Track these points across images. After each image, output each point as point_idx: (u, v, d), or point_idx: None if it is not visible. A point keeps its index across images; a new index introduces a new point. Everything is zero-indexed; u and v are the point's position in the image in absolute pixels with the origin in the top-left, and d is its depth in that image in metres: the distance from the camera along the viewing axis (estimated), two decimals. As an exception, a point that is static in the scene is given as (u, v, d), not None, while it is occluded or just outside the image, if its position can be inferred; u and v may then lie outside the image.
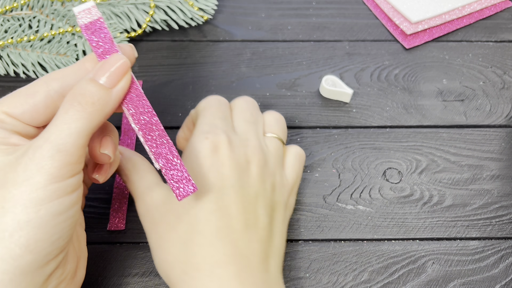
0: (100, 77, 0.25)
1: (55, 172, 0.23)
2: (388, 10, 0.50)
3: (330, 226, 0.36)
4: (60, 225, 0.23)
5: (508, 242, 0.35)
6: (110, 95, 0.25)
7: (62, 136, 0.23)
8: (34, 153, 0.23)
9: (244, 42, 0.48)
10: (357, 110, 0.43)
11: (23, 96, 0.25)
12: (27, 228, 0.22)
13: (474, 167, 0.39)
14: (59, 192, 0.23)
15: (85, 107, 0.24)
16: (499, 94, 0.44)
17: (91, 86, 0.24)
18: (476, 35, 0.49)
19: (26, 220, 0.22)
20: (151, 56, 0.46)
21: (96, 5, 0.44)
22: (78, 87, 0.24)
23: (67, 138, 0.23)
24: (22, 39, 0.42)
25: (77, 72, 0.26)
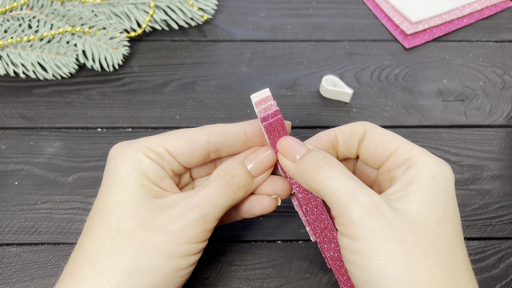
0: (248, 163, 0.28)
1: (194, 234, 0.25)
2: (388, 10, 0.50)
3: (330, 226, 0.36)
4: (178, 278, 0.26)
5: (508, 242, 0.35)
6: (253, 184, 0.28)
7: (210, 206, 0.26)
8: (183, 211, 0.25)
9: (244, 42, 0.47)
10: (357, 110, 0.43)
11: (187, 140, 0.28)
12: (156, 274, 0.24)
13: (474, 167, 0.39)
14: (190, 251, 0.25)
15: (233, 188, 0.27)
16: (499, 94, 0.44)
17: (242, 171, 0.28)
18: (476, 35, 0.49)
19: (157, 267, 0.24)
20: (151, 56, 0.46)
21: (97, 5, 0.44)
22: (229, 167, 0.28)
23: (213, 209, 0.26)
24: (22, 39, 0.42)
25: (238, 136, 0.28)
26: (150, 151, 0.27)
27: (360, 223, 0.22)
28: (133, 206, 0.25)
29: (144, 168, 0.26)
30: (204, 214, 0.25)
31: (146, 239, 0.24)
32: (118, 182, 0.26)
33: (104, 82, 0.44)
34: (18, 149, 0.39)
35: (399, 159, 0.26)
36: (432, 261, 0.22)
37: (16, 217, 0.36)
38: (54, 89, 0.43)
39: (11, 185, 0.37)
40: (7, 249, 0.34)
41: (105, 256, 0.24)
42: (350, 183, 0.23)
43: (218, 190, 0.26)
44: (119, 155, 0.27)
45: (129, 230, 0.24)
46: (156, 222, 0.25)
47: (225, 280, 0.33)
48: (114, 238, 0.24)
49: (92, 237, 0.25)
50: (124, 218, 0.25)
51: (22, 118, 0.41)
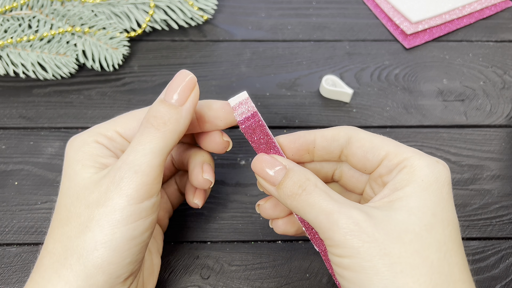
0: (170, 97, 0.26)
1: (132, 193, 0.23)
2: (388, 10, 0.50)
3: (330, 226, 0.36)
4: (132, 249, 0.24)
5: (508, 242, 0.35)
6: (181, 113, 0.25)
7: (138, 157, 0.24)
8: (114, 175, 0.24)
9: (244, 42, 0.47)
10: (357, 110, 0.43)
11: (135, 120, 0.27)
12: (102, 249, 0.23)
13: (475, 167, 0.39)
14: (135, 215, 0.24)
15: (158, 128, 0.25)
16: (500, 94, 0.44)
17: (162, 107, 0.25)
18: (477, 35, 0.49)
19: (103, 241, 0.23)
20: (151, 56, 0.46)
21: (97, 5, 0.44)
22: (150, 109, 0.26)
23: (142, 158, 0.24)
24: (21, 39, 0.42)
25: None
26: (101, 137, 0.27)
27: (343, 244, 0.22)
28: (75, 190, 0.25)
29: (88, 150, 0.26)
30: (135, 169, 0.24)
31: (88, 217, 0.23)
32: (65, 172, 0.26)
33: (104, 82, 0.44)
34: (18, 149, 0.39)
35: (390, 164, 0.25)
36: (419, 270, 0.21)
37: (16, 217, 0.36)
38: (54, 89, 0.43)
39: (11, 185, 0.37)
40: (7, 249, 0.34)
41: (59, 244, 0.24)
42: (329, 205, 0.23)
43: (142, 136, 0.24)
44: (70, 145, 0.27)
45: (74, 213, 0.24)
46: (95, 197, 0.24)
47: (225, 280, 0.33)
48: (64, 225, 0.24)
49: (49, 231, 0.25)
50: (69, 205, 0.24)
51: (22, 118, 0.41)
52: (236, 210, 0.36)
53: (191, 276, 0.33)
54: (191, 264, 0.34)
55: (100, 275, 0.23)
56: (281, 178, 0.25)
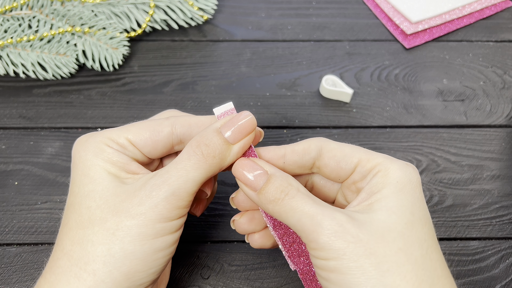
0: (226, 130, 0.26)
1: (166, 213, 0.24)
2: (388, 10, 0.50)
3: (330, 226, 0.36)
4: (158, 260, 0.25)
5: (508, 242, 0.35)
6: (229, 151, 0.26)
7: (180, 181, 0.24)
8: (151, 191, 0.24)
9: (244, 42, 0.47)
10: (357, 110, 0.43)
11: (149, 131, 0.27)
12: (131, 258, 0.24)
13: (475, 167, 0.39)
14: (165, 231, 0.24)
15: (207, 158, 0.25)
16: (500, 94, 0.44)
17: (216, 139, 0.25)
18: (477, 35, 0.49)
19: (132, 251, 0.24)
20: (151, 56, 0.46)
21: (97, 5, 0.44)
22: (204, 136, 0.25)
23: (184, 184, 0.24)
24: (21, 39, 0.42)
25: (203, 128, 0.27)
26: (112, 142, 0.27)
27: (328, 246, 0.22)
28: (102, 194, 0.25)
29: (108, 157, 0.26)
30: (173, 191, 0.24)
31: (116, 225, 0.24)
32: (86, 174, 0.26)
33: (104, 82, 0.44)
34: (18, 149, 0.39)
35: (364, 170, 0.26)
36: (405, 267, 0.22)
37: (16, 217, 0.36)
38: (54, 89, 0.43)
39: (11, 185, 0.37)
40: (7, 249, 0.34)
41: (79, 247, 0.24)
42: (311, 208, 0.23)
43: (189, 162, 0.25)
44: (83, 147, 0.26)
45: (99, 218, 0.24)
46: (125, 206, 0.24)
47: (225, 280, 0.33)
48: (85, 227, 0.24)
49: (66, 230, 0.25)
50: (94, 207, 0.24)
51: (22, 118, 0.41)
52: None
53: (191, 276, 0.33)
54: (191, 264, 0.34)
55: (125, 282, 0.24)
56: (262, 183, 0.25)
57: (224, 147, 0.25)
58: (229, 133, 0.26)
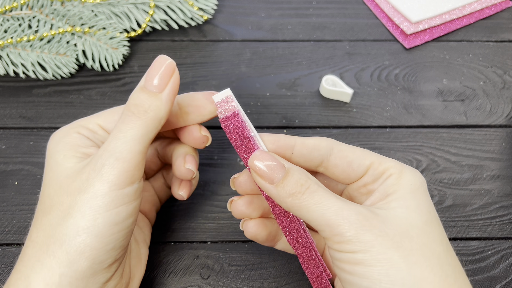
0: (149, 83, 0.26)
1: (113, 179, 0.24)
2: (388, 10, 0.50)
3: (330, 226, 0.36)
4: (115, 235, 0.24)
5: (508, 242, 0.35)
6: (161, 100, 0.26)
7: (119, 144, 0.24)
8: (95, 162, 0.24)
9: (244, 42, 0.47)
10: (357, 110, 0.43)
11: (118, 114, 0.28)
12: (84, 234, 0.23)
13: (475, 167, 0.39)
14: (117, 201, 0.24)
15: (139, 115, 0.25)
16: (500, 94, 0.44)
17: (142, 94, 0.25)
18: (477, 35, 0.49)
19: (84, 227, 0.23)
20: (151, 56, 0.46)
21: (97, 5, 0.44)
22: (131, 97, 0.26)
23: (123, 145, 0.24)
24: (21, 39, 0.42)
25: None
26: (82, 128, 0.27)
27: (356, 238, 0.22)
28: (58, 179, 0.25)
29: (70, 141, 0.26)
30: (115, 156, 0.24)
31: (70, 204, 0.24)
32: (47, 163, 0.26)
33: (104, 82, 0.44)
34: (18, 149, 0.39)
35: (376, 173, 0.26)
36: (431, 261, 0.22)
37: (16, 217, 0.36)
38: (54, 89, 0.43)
39: (11, 185, 0.37)
40: (7, 249, 0.34)
41: (42, 233, 0.24)
42: (335, 203, 0.23)
43: (123, 124, 0.25)
44: (52, 138, 0.27)
45: (57, 202, 0.24)
46: (76, 184, 0.24)
47: (225, 280, 0.33)
48: (47, 214, 0.24)
49: (33, 222, 0.25)
50: (53, 194, 0.25)
51: (22, 118, 0.41)
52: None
53: (191, 276, 0.33)
54: (191, 264, 0.34)
55: (83, 260, 0.23)
56: (280, 177, 0.24)
57: (152, 99, 0.25)
58: (155, 82, 0.25)
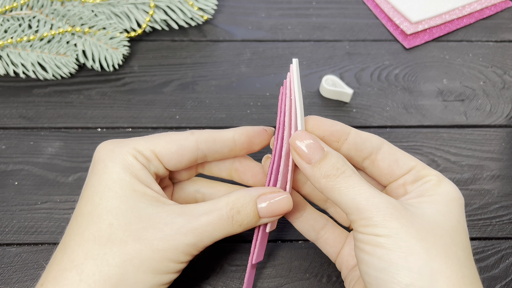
0: (261, 201, 0.27)
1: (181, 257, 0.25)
2: (388, 10, 0.50)
3: (330, 226, 0.36)
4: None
5: (508, 242, 0.35)
6: (256, 223, 0.27)
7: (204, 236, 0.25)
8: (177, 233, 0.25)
9: (244, 42, 0.47)
10: (357, 110, 0.43)
11: (176, 146, 0.28)
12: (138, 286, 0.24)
13: (474, 167, 0.39)
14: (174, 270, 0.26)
15: (234, 224, 0.26)
16: (500, 94, 0.44)
17: (250, 209, 0.26)
18: (476, 35, 0.49)
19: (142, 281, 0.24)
20: (151, 56, 0.46)
21: (97, 5, 0.44)
22: (240, 202, 0.26)
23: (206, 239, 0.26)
24: (22, 39, 0.42)
25: (225, 143, 0.29)
26: (139, 155, 0.27)
27: (382, 224, 0.23)
28: (126, 214, 0.25)
29: (136, 173, 0.26)
30: (196, 242, 0.25)
31: (135, 252, 0.24)
32: (111, 187, 0.25)
33: (104, 82, 0.44)
34: (18, 149, 0.39)
35: (418, 175, 0.26)
36: (451, 259, 0.22)
37: (16, 217, 0.36)
38: (54, 89, 0.43)
39: (11, 185, 0.37)
40: (7, 249, 0.34)
41: (92, 263, 0.24)
42: (368, 190, 0.24)
43: (219, 222, 0.26)
44: (109, 156, 0.26)
45: (120, 239, 0.24)
46: (148, 237, 0.24)
47: (225, 280, 0.33)
48: (103, 245, 0.24)
49: (80, 241, 0.24)
50: (116, 226, 0.24)
51: (22, 118, 0.41)
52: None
53: (191, 276, 0.33)
54: (191, 264, 0.34)
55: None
56: (318, 158, 0.25)
57: (253, 220, 0.26)
58: (264, 205, 0.27)
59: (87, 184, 0.26)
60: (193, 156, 0.28)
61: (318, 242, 0.31)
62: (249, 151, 0.30)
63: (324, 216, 0.31)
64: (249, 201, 0.26)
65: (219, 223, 0.26)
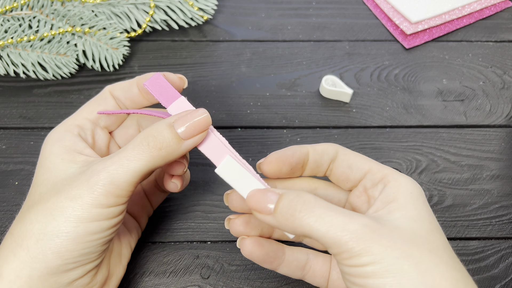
0: (179, 126, 0.26)
1: (102, 199, 0.25)
2: (388, 10, 0.50)
3: (330, 226, 0.36)
4: (93, 241, 0.25)
5: (508, 242, 0.35)
6: (180, 146, 0.26)
7: (119, 170, 0.25)
8: (91, 176, 0.25)
9: (244, 42, 0.47)
10: (357, 110, 0.43)
11: (96, 103, 0.30)
12: (63, 238, 0.24)
13: (474, 167, 0.39)
14: (100, 216, 0.25)
15: (151, 150, 0.25)
16: (499, 94, 0.44)
17: (166, 132, 0.25)
18: (476, 35, 0.49)
19: (65, 232, 0.24)
20: (151, 56, 0.46)
21: (97, 5, 0.44)
22: (154, 128, 0.26)
23: (123, 174, 0.25)
24: (22, 39, 0.42)
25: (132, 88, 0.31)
26: (74, 127, 0.29)
27: (365, 252, 0.22)
28: (51, 180, 0.26)
29: (65, 144, 0.27)
30: (112, 180, 0.24)
31: (55, 205, 0.25)
32: (42, 164, 0.27)
33: (104, 82, 0.44)
34: (18, 149, 0.39)
35: (374, 178, 0.26)
36: (440, 267, 0.22)
37: (16, 217, 0.36)
38: (54, 89, 0.43)
39: (11, 185, 0.37)
40: (7, 249, 0.34)
41: (19, 225, 0.25)
42: (338, 217, 0.22)
43: (133, 152, 0.25)
44: (47, 140, 0.28)
45: (43, 199, 0.25)
46: (66, 188, 0.25)
47: (225, 280, 0.33)
48: (30, 209, 0.25)
49: (17, 215, 0.26)
50: (44, 192, 0.26)
51: (22, 118, 0.41)
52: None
53: (191, 276, 0.33)
54: (191, 264, 0.34)
55: (56, 259, 0.24)
56: (275, 201, 0.24)
57: (173, 141, 0.25)
58: (183, 128, 0.25)
59: None
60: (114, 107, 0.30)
61: (306, 278, 0.29)
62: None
63: (303, 250, 0.29)
64: (164, 125, 0.26)
65: (133, 153, 0.25)
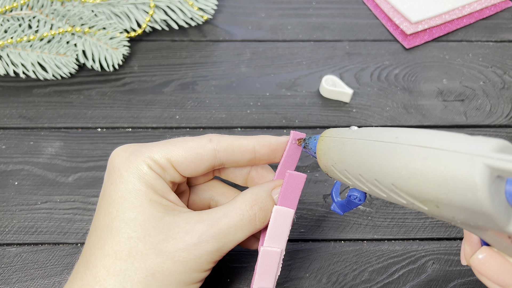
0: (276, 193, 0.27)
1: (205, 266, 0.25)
2: (388, 10, 0.50)
3: (330, 226, 0.36)
4: None
5: (508, 242, 0.35)
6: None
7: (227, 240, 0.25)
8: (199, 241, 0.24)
9: (244, 42, 0.47)
10: (357, 110, 0.43)
11: (193, 155, 0.27)
12: None
13: (474, 167, 0.39)
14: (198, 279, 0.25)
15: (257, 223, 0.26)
16: (499, 94, 0.44)
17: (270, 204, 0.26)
18: (476, 35, 0.49)
19: None
20: (151, 56, 0.46)
21: (97, 5, 0.44)
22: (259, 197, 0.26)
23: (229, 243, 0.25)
24: (22, 39, 0.42)
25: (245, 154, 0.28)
26: (154, 164, 0.26)
27: None
28: (144, 225, 0.24)
29: (151, 183, 0.25)
30: (219, 248, 0.25)
31: (157, 266, 0.24)
32: (127, 198, 0.25)
33: (104, 82, 0.44)
34: (18, 149, 0.39)
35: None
36: None
37: (16, 217, 0.36)
38: (54, 89, 0.43)
39: (11, 185, 0.37)
40: (7, 249, 0.34)
41: (115, 279, 0.23)
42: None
43: (240, 223, 0.25)
44: (124, 165, 0.25)
45: (140, 253, 0.24)
46: (169, 248, 0.24)
47: (225, 280, 0.33)
48: (124, 260, 0.24)
49: (101, 256, 0.24)
50: (135, 239, 0.24)
51: (22, 118, 0.41)
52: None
53: (191, 276, 0.33)
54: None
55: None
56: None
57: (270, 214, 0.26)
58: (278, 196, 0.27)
59: (103, 194, 0.26)
60: (210, 164, 0.27)
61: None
62: (270, 162, 0.29)
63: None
64: (266, 196, 0.26)
65: (241, 224, 0.25)
